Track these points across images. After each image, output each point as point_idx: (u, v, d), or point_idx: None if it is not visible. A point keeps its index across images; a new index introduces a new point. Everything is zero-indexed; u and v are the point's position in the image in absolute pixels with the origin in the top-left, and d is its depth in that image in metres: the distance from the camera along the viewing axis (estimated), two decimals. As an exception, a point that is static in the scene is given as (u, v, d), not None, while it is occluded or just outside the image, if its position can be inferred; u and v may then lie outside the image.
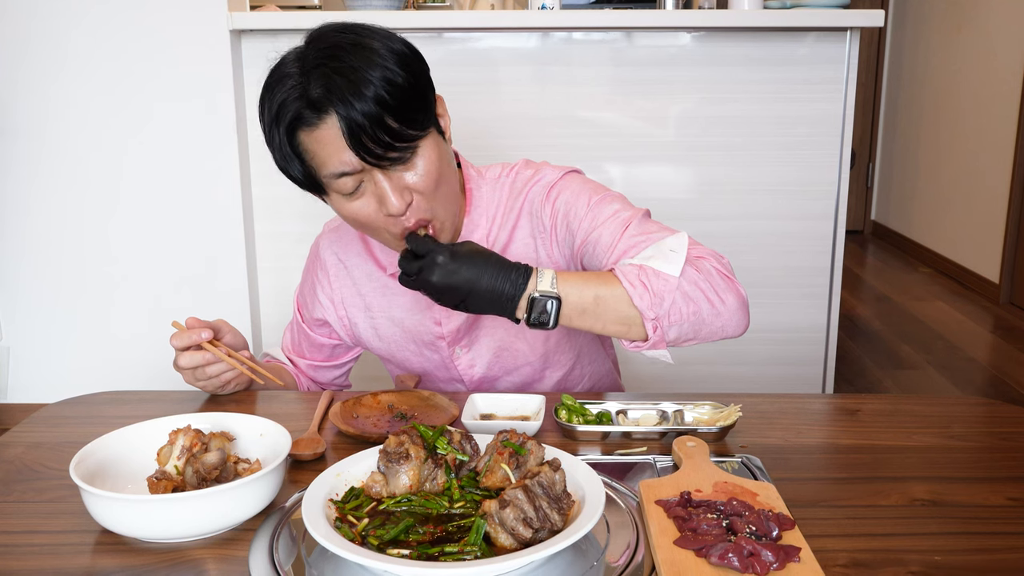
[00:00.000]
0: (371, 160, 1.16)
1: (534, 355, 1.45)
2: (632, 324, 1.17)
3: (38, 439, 1.20)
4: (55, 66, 2.79)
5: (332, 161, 1.17)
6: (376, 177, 1.19)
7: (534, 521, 0.85)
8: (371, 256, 1.46)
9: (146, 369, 2.89)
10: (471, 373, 1.47)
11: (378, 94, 1.14)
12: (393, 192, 1.19)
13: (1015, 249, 4.46)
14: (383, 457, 0.96)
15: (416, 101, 1.19)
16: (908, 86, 5.89)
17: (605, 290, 1.16)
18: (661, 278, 1.16)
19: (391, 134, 1.15)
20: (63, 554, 0.92)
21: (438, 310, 1.42)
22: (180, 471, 1.01)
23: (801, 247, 2.84)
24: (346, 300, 1.48)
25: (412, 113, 1.18)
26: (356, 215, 1.23)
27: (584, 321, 1.17)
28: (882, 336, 4.13)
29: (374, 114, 1.14)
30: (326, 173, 1.19)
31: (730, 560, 0.81)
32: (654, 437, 1.18)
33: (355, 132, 1.14)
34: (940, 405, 1.33)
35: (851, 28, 2.70)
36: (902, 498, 1.01)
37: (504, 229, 1.39)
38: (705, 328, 1.20)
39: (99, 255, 2.92)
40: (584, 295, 1.15)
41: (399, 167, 1.19)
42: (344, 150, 1.16)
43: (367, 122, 1.13)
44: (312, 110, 1.15)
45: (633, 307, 1.15)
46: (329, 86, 1.14)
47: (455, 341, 1.44)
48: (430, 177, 1.22)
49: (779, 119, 2.77)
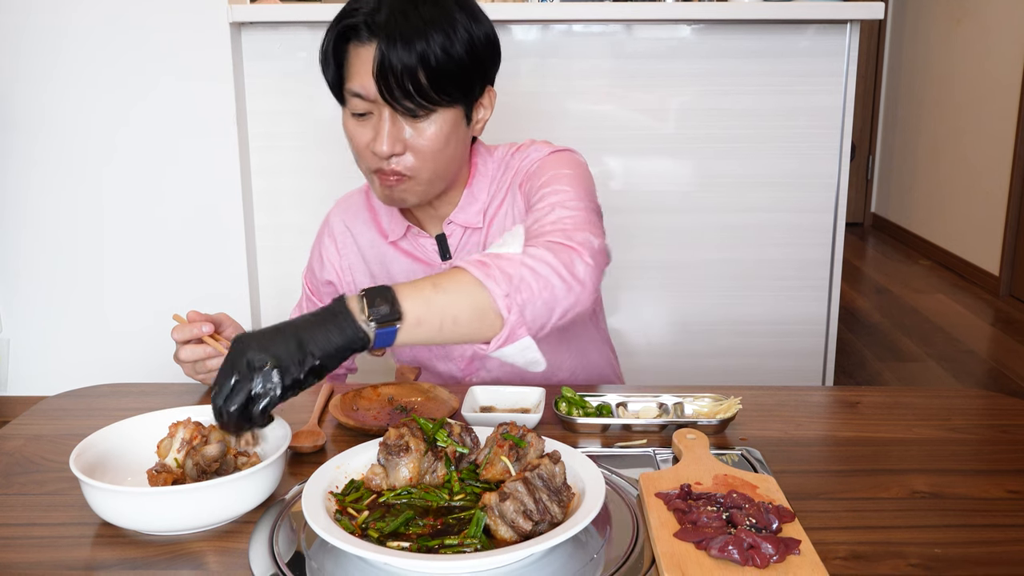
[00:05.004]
0: (385, 97, 1.24)
1: None
2: (484, 312, 1.08)
3: (38, 431, 1.20)
4: (52, 61, 2.78)
5: (356, 79, 1.26)
6: (384, 114, 1.26)
7: (534, 513, 0.85)
8: (375, 223, 1.50)
9: (146, 362, 2.89)
10: (462, 350, 1.49)
11: (427, 51, 1.22)
12: (389, 135, 1.27)
13: (1015, 241, 4.46)
14: (383, 450, 0.96)
15: (458, 78, 1.26)
16: (908, 78, 5.88)
17: (448, 281, 1.08)
18: (503, 259, 1.12)
19: (416, 88, 1.23)
20: (63, 546, 0.92)
21: None
22: (180, 464, 1.01)
23: (801, 239, 2.84)
24: (353, 266, 1.52)
25: (447, 83, 1.25)
26: (351, 134, 1.32)
27: (433, 311, 1.05)
28: (882, 329, 4.13)
29: (410, 65, 1.22)
30: (348, 87, 1.29)
31: (730, 552, 0.81)
32: (654, 430, 1.18)
33: (384, 69, 1.22)
34: (940, 398, 1.33)
35: (851, 20, 2.70)
36: (902, 491, 1.01)
37: (495, 203, 1.43)
38: (559, 306, 1.13)
39: (99, 248, 2.92)
40: (423, 289, 1.05)
41: (408, 119, 1.27)
42: (369, 76, 1.24)
43: (400, 67, 1.21)
44: (367, 30, 1.24)
45: (483, 289, 1.08)
46: (391, 21, 1.22)
47: None
48: (430, 143, 1.28)
49: (779, 112, 2.77)
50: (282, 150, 2.87)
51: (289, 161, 2.87)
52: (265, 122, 2.86)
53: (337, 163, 2.83)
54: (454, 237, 1.44)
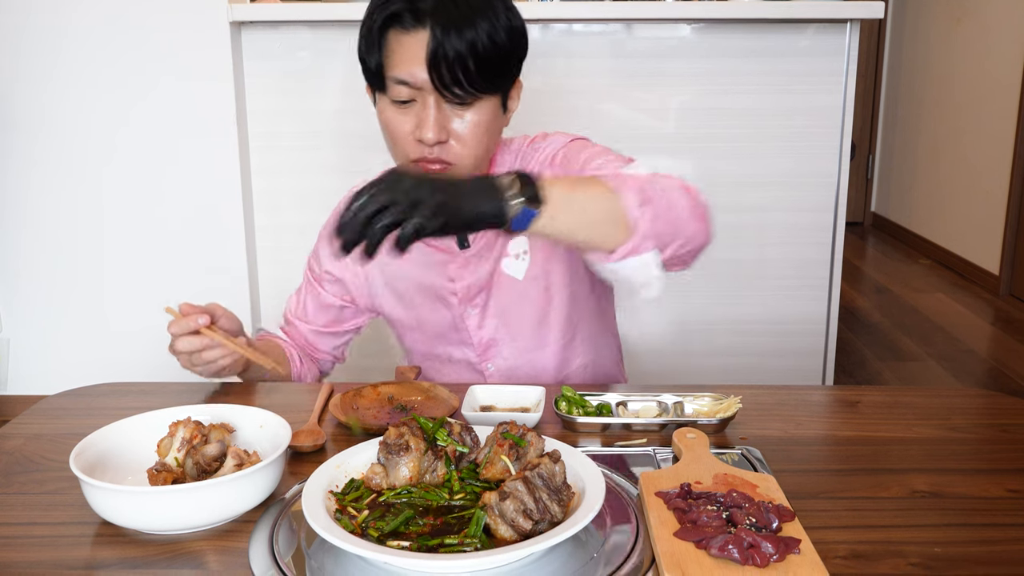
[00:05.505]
0: (437, 84, 1.24)
1: (539, 319, 1.48)
2: (616, 220, 1.08)
3: (38, 431, 1.20)
4: (52, 61, 2.78)
5: (402, 67, 1.26)
6: (429, 101, 1.27)
7: (534, 513, 0.85)
8: None
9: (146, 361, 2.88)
10: (480, 335, 1.49)
11: (476, 38, 1.23)
12: (435, 122, 1.27)
13: (1015, 241, 4.46)
14: (383, 449, 0.96)
15: (502, 66, 1.28)
16: (908, 78, 5.88)
17: (584, 185, 1.11)
18: (636, 177, 1.14)
19: (466, 75, 1.24)
20: (63, 546, 0.92)
21: (451, 267, 1.46)
22: (180, 463, 1.01)
23: (801, 239, 2.84)
24: None
25: (493, 72, 1.27)
26: (391, 123, 1.31)
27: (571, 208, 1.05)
28: (882, 328, 4.13)
29: (463, 52, 1.23)
30: (392, 75, 1.27)
31: (730, 552, 0.81)
32: (654, 429, 1.18)
33: (438, 56, 1.22)
34: (940, 397, 1.33)
35: (851, 20, 2.70)
36: (902, 490, 1.01)
37: None
38: (683, 229, 1.13)
39: (99, 247, 2.92)
40: (566, 182, 1.08)
41: (455, 106, 1.28)
42: (419, 64, 1.24)
43: (453, 54, 1.22)
44: (412, 16, 1.24)
45: (616, 198, 1.09)
46: (439, 8, 1.23)
47: (467, 299, 1.47)
48: (474, 131, 1.30)
49: (779, 111, 2.77)
50: (282, 150, 2.87)
51: (289, 161, 2.87)
52: (265, 122, 2.86)
53: (337, 162, 2.83)
54: None
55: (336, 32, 2.76)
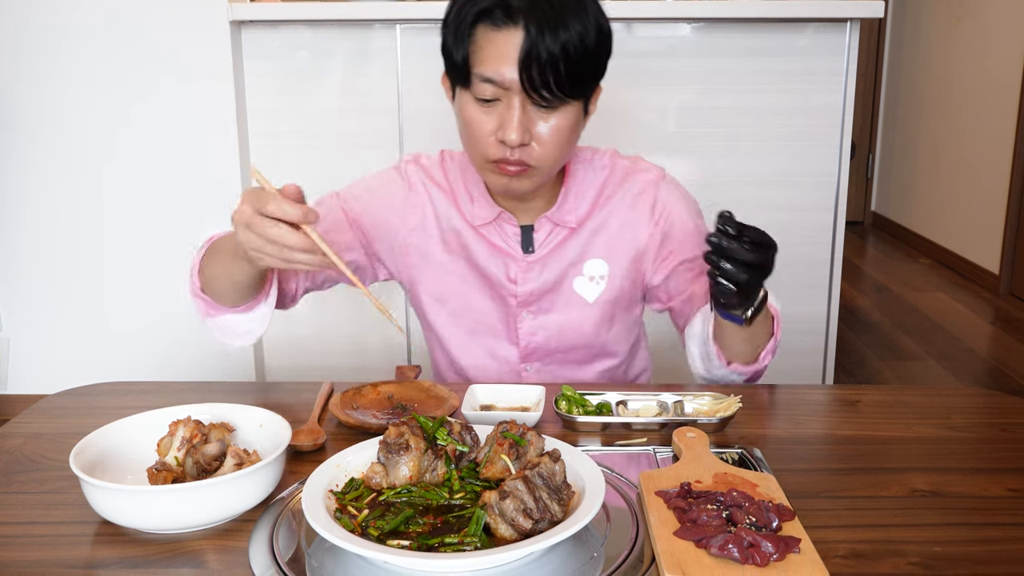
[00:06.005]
0: (527, 86, 1.21)
1: (596, 340, 1.48)
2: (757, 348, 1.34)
3: (38, 430, 1.20)
4: (52, 61, 2.78)
5: (491, 65, 1.22)
6: (515, 102, 1.24)
7: (534, 512, 0.85)
8: (453, 200, 1.46)
9: (146, 360, 2.89)
10: (530, 339, 1.48)
11: (569, 40, 1.20)
12: (520, 123, 1.24)
13: (1015, 240, 4.46)
14: (383, 448, 0.96)
15: (590, 70, 1.27)
16: (908, 77, 5.88)
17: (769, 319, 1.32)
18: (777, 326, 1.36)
19: (557, 79, 1.21)
20: (63, 545, 0.92)
21: (512, 267, 1.44)
22: (180, 462, 1.01)
23: (801, 238, 2.84)
24: (426, 228, 1.46)
25: (582, 76, 1.25)
26: (473, 121, 1.28)
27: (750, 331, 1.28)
28: (882, 327, 4.13)
29: (556, 54, 1.20)
30: (478, 71, 1.24)
31: (730, 551, 0.81)
32: (654, 428, 1.18)
33: (531, 57, 1.19)
34: (940, 396, 1.33)
35: (851, 19, 2.70)
36: (902, 489, 1.01)
37: (597, 212, 1.44)
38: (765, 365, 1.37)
39: (99, 247, 2.92)
40: (767, 318, 1.30)
41: (540, 109, 1.25)
42: (509, 63, 1.21)
43: (546, 56, 1.19)
44: (504, 13, 1.21)
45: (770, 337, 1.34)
46: (533, 6, 1.20)
47: (525, 303, 1.46)
48: (557, 135, 1.27)
49: (779, 110, 2.77)
50: (282, 149, 2.87)
51: (289, 160, 2.87)
52: (265, 121, 2.86)
53: (337, 162, 2.83)
54: (541, 232, 1.43)
55: (336, 31, 2.76)
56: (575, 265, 1.45)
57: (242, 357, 2.88)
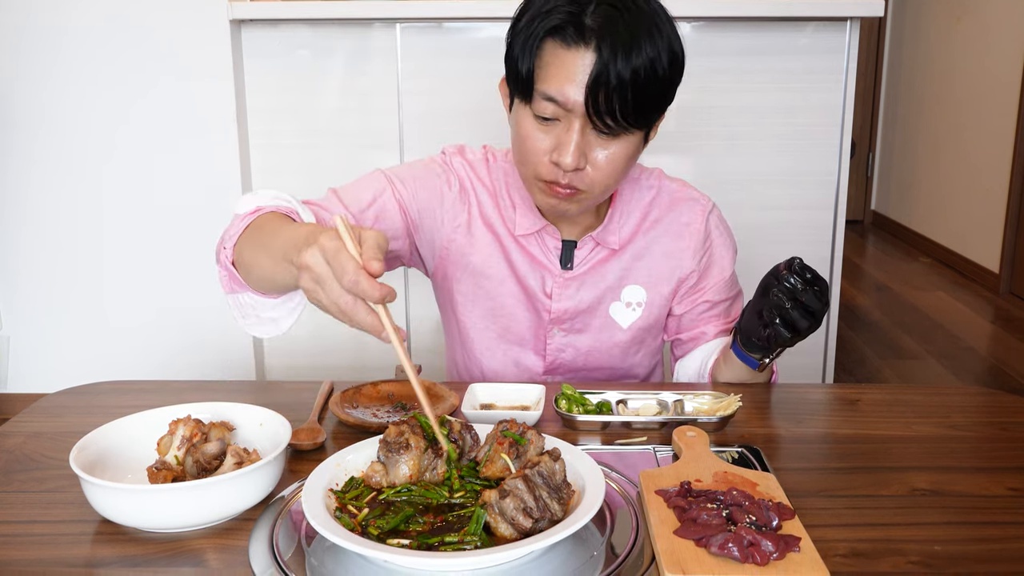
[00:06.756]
0: (591, 111, 1.16)
1: (622, 363, 1.49)
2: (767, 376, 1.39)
3: (38, 429, 1.20)
4: (52, 59, 2.78)
5: (555, 84, 1.17)
6: (575, 125, 1.19)
7: (534, 511, 0.85)
8: (495, 204, 1.43)
9: (146, 359, 2.89)
10: (558, 355, 1.47)
11: (639, 66, 1.15)
12: (576, 148, 1.20)
13: (1015, 239, 4.46)
14: (383, 447, 0.96)
15: (658, 97, 1.20)
16: (908, 75, 5.87)
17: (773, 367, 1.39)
18: None
19: (623, 106, 1.16)
20: (63, 544, 0.92)
21: (549, 281, 1.43)
22: (180, 461, 1.01)
23: (801, 237, 2.84)
24: (471, 226, 1.43)
25: (648, 104, 1.19)
26: (528, 137, 1.23)
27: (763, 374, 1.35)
28: (882, 326, 4.13)
29: (626, 80, 1.14)
30: (542, 89, 1.19)
31: (730, 550, 0.81)
32: (654, 427, 1.18)
33: (600, 82, 1.15)
34: (940, 395, 1.33)
35: (851, 18, 2.70)
36: (902, 488, 1.01)
37: (644, 236, 1.43)
38: None
39: (99, 245, 2.92)
40: (774, 366, 1.38)
41: (600, 135, 1.20)
42: (576, 85, 1.16)
43: (616, 82, 1.14)
44: (576, 31, 1.15)
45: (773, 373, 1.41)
46: (607, 27, 1.14)
47: (558, 321, 1.45)
48: (613, 165, 1.23)
49: (779, 109, 2.77)
50: (282, 148, 2.87)
51: (289, 159, 2.87)
52: (265, 120, 2.86)
53: (337, 161, 2.83)
54: (583, 249, 1.41)
55: (336, 30, 2.76)
56: (613, 290, 1.43)
57: (242, 356, 2.88)
